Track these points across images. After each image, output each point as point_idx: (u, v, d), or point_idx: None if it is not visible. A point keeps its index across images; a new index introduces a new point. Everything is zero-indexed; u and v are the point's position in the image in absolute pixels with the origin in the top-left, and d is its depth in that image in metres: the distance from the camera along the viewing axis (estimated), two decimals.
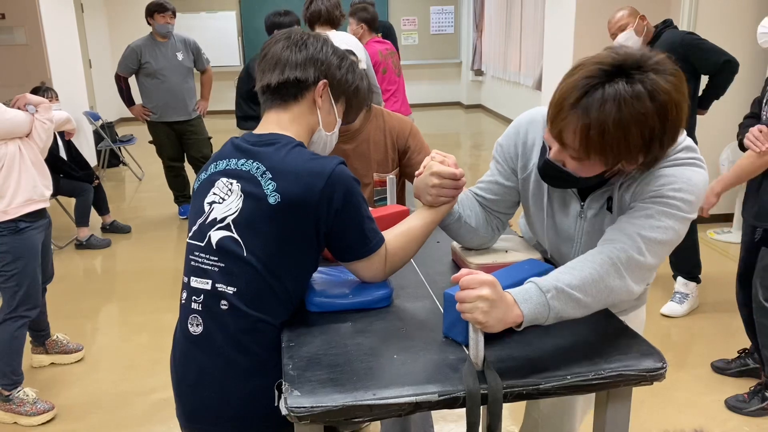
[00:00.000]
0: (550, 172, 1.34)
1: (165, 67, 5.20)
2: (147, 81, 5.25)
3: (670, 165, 1.30)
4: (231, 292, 1.33)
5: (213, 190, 1.39)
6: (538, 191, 1.52)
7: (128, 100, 5.37)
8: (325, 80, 1.43)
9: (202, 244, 1.38)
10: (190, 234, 1.42)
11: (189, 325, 1.39)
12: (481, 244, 1.63)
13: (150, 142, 5.62)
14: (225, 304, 1.34)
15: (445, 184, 1.44)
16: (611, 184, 1.39)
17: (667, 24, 3.54)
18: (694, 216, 1.31)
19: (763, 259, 2.60)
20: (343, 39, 2.18)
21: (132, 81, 5.31)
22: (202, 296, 1.36)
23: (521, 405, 2.78)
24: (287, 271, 1.33)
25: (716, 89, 3.47)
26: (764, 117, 2.68)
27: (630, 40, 3.46)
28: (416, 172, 1.51)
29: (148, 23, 5.18)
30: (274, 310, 1.34)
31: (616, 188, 1.38)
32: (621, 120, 1.16)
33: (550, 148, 1.31)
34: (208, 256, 1.36)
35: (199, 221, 1.39)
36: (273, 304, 1.33)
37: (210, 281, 1.36)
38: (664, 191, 1.28)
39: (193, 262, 1.40)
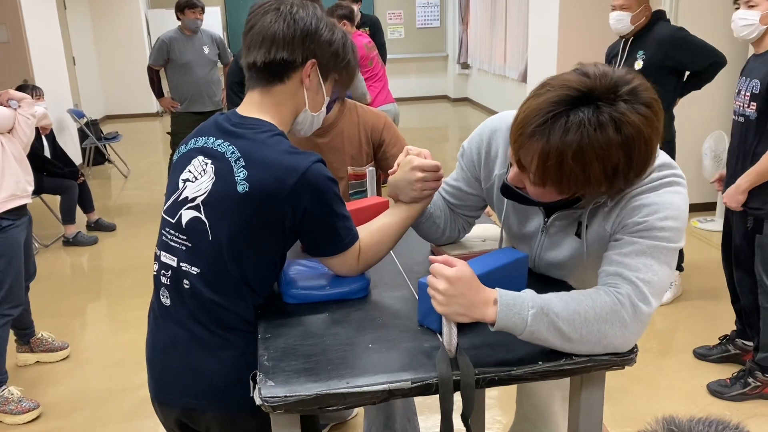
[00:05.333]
0: (510, 193, 1.32)
1: (192, 60, 5.34)
2: (174, 73, 5.38)
3: (649, 189, 1.23)
4: (194, 273, 1.34)
5: (189, 167, 1.39)
6: (501, 202, 1.49)
7: (158, 92, 5.53)
8: (313, 59, 1.38)
9: (173, 221, 1.38)
10: (164, 208, 1.43)
11: (161, 296, 1.41)
12: (446, 243, 1.63)
13: (168, 133, 5.68)
14: (187, 283, 1.35)
15: (429, 177, 1.43)
16: (580, 206, 1.32)
17: (659, 16, 3.45)
18: (683, 244, 1.24)
19: (762, 246, 2.61)
20: None
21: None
22: (170, 271, 1.38)
23: (511, 398, 2.80)
24: (249, 260, 1.32)
25: (698, 84, 3.45)
26: (736, 107, 2.70)
27: (621, 23, 3.34)
28: (390, 170, 1.50)
29: (178, 18, 5.33)
30: (232, 296, 1.34)
31: (585, 213, 1.32)
32: (581, 151, 1.09)
33: (511, 165, 1.26)
34: (177, 234, 1.37)
35: (173, 197, 1.40)
36: (231, 290, 1.33)
37: (176, 259, 1.37)
38: (651, 222, 1.20)
39: (164, 237, 1.41)
